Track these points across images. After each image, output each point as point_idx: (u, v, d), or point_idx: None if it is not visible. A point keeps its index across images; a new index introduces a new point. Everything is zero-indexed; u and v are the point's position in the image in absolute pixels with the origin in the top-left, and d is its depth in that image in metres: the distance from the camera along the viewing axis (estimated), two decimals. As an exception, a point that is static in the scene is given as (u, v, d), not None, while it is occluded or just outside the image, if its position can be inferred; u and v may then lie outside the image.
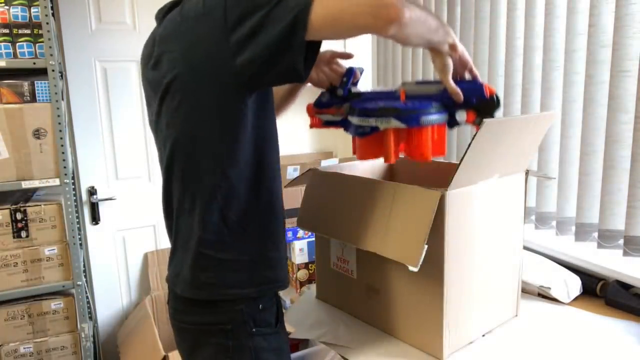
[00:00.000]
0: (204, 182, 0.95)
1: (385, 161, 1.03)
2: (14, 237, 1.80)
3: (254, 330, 0.98)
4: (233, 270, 0.98)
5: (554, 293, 1.33)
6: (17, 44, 1.74)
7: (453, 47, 0.95)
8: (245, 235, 0.98)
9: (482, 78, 1.83)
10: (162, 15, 1.00)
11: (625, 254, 1.35)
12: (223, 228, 0.96)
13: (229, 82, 0.88)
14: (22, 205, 1.80)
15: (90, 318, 2.03)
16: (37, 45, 1.76)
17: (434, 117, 0.97)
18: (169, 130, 0.97)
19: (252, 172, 0.97)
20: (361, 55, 2.60)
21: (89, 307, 2.06)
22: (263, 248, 1.01)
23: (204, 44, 0.87)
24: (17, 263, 1.81)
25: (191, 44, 0.89)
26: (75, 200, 2.09)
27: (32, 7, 1.74)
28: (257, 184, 0.98)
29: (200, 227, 0.97)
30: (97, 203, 2.31)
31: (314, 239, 1.54)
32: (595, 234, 1.45)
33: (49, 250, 1.84)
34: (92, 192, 2.30)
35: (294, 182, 1.31)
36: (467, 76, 1.01)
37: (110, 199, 2.34)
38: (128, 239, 2.42)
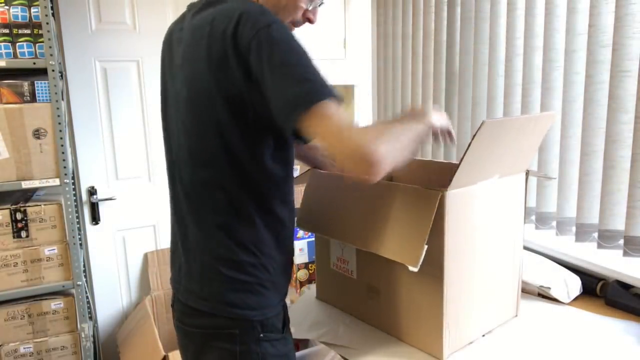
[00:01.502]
0: (214, 201, 0.94)
1: None
2: (14, 237, 1.80)
3: (261, 335, 0.97)
4: (241, 291, 0.96)
5: (554, 293, 1.33)
6: (17, 44, 1.74)
7: (434, 130, 1.02)
8: (256, 260, 0.97)
9: (482, 78, 1.84)
10: (195, 10, 0.97)
11: (625, 254, 1.35)
12: (236, 248, 0.95)
13: (249, 111, 0.89)
14: (22, 205, 1.80)
15: (90, 318, 2.03)
16: (37, 45, 1.76)
17: None
18: (186, 138, 0.96)
19: (263, 200, 0.96)
20: (361, 49, 2.60)
21: (89, 307, 2.06)
22: (273, 274, 0.99)
23: (226, 70, 0.86)
24: (17, 263, 1.81)
25: (218, 67, 0.87)
26: (75, 200, 2.09)
27: (32, 7, 1.74)
28: (268, 212, 0.97)
29: (213, 240, 0.95)
30: (97, 203, 2.31)
31: (314, 239, 1.54)
32: (595, 234, 1.45)
33: (49, 250, 1.84)
34: (92, 192, 2.30)
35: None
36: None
37: (110, 199, 2.34)
38: (128, 239, 2.42)
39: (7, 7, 1.72)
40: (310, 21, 1.04)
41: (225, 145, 0.91)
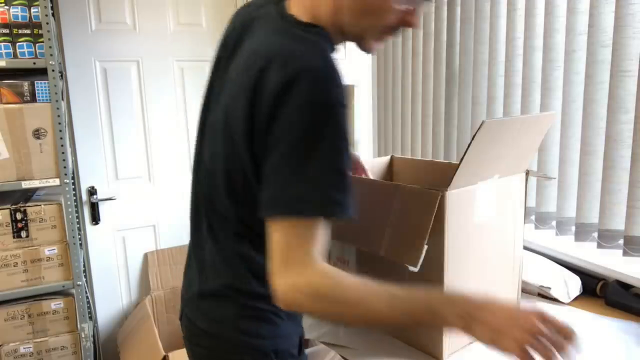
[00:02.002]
0: (235, 229, 0.87)
1: None
2: (14, 237, 1.80)
3: None
4: (254, 319, 0.89)
5: (554, 293, 1.33)
6: (17, 44, 1.74)
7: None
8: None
9: (482, 78, 1.84)
10: (264, 24, 0.84)
11: (625, 254, 1.35)
12: (252, 280, 0.88)
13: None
14: (22, 205, 1.80)
15: (90, 318, 2.03)
16: (37, 45, 1.76)
17: None
18: (214, 162, 0.86)
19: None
20: (361, 71, 2.60)
21: (89, 307, 2.06)
22: None
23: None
24: (17, 263, 1.80)
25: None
26: (75, 200, 2.09)
27: (32, 7, 1.74)
28: None
29: (231, 267, 0.89)
30: (97, 203, 2.31)
31: (314, 239, 1.54)
32: (595, 234, 1.45)
33: (49, 250, 1.84)
34: (92, 192, 2.30)
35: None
36: None
37: (110, 199, 2.34)
38: (128, 239, 2.42)
39: (7, 7, 1.72)
40: (411, 25, 0.83)
41: (246, 182, 0.81)
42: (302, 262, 0.73)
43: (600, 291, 1.38)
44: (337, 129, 0.72)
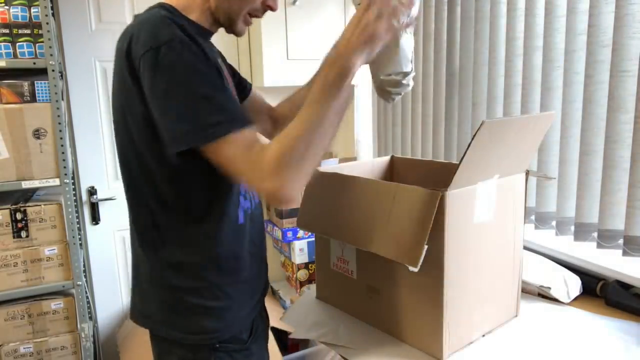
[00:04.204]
0: (140, 220, 0.99)
1: None
2: (14, 237, 1.80)
3: (217, 345, 0.95)
4: (182, 315, 0.96)
5: (554, 293, 1.33)
6: (17, 44, 1.74)
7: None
8: (198, 284, 0.96)
9: (482, 78, 1.84)
10: None
11: (625, 254, 1.35)
12: (168, 271, 0.97)
13: None
14: (22, 205, 1.80)
15: (90, 318, 2.03)
16: (37, 45, 1.76)
17: None
18: (119, 157, 1.05)
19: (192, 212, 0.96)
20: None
21: (89, 307, 2.06)
22: (221, 299, 0.97)
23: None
24: (17, 263, 1.81)
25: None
26: (75, 200, 2.09)
27: (32, 7, 1.74)
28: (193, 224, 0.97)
29: (147, 263, 0.98)
30: (97, 203, 2.31)
31: (314, 239, 1.54)
32: (595, 234, 1.45)
33: (49, 250, 1.84)
34: (92, 192, 2.30)
35: (294, 182, 1.31)
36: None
37: (110, 199, 2.34)
38: (128, 239, 2.42)
39: (7, 7, 1.72)
40: (271, 8, 0.98)
41: (141, 165, 0.91)
42: (250, 157, 0.79)
43: (600, 291, 1.38)
44: (182, 65, 0.80)
